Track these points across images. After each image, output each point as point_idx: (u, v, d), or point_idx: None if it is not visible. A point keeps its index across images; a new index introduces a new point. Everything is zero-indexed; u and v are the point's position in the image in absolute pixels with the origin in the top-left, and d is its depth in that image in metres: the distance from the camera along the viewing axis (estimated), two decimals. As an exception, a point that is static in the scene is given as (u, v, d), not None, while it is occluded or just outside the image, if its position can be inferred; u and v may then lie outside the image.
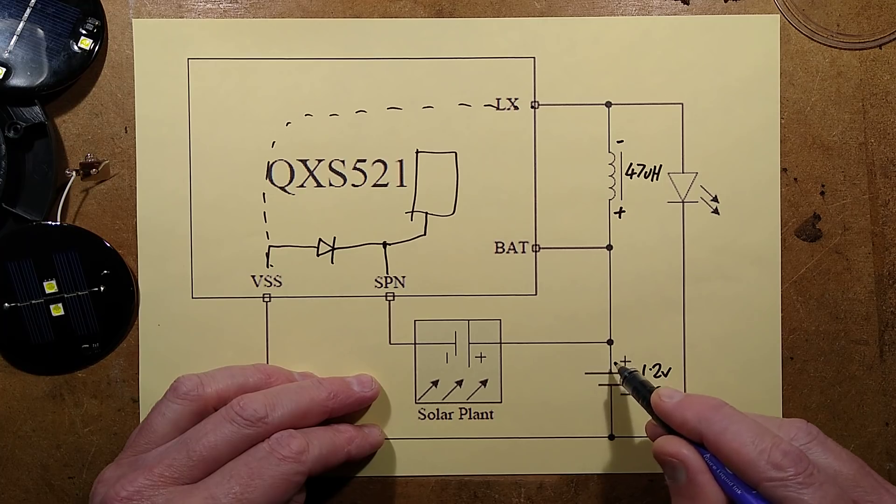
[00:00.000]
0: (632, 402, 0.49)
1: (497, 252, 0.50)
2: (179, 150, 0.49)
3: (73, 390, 0.49)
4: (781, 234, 0.49)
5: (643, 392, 0.45)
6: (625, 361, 0.49)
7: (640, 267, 0.50)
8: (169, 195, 0.49)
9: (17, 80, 0.47)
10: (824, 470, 0.39)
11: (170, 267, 0.49)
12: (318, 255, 0.50)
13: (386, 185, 0.50)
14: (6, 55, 0.47)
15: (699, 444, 0.41)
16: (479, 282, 0.50)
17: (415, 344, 0.50)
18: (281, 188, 0.49)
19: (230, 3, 0.49)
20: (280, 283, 0.50)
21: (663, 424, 0.43)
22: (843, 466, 0.40)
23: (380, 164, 0.50)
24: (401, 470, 0.50)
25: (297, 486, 0.43)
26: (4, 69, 0.47)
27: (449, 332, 0.50)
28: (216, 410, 0.45)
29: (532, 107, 0.50)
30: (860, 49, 0.49)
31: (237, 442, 0.43)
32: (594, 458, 0.50)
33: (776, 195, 0.49)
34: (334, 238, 0.50)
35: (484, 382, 0.50)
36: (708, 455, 0.40)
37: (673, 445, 0.41)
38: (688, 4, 0.49)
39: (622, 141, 0.49)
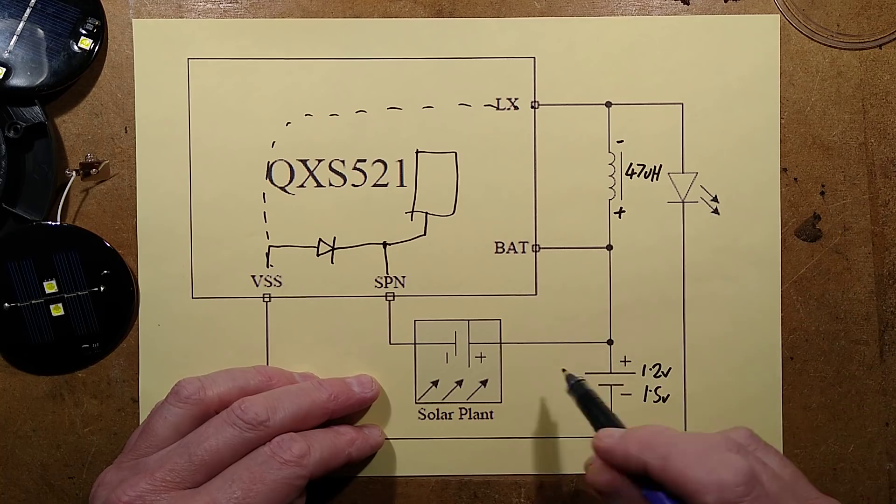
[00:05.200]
0: (632, 402, 0.49)
1: (497, 252, 0.50)
2: (179, 150, 0.49)
3: (73, 390, 0.49)
4: (781, 234, 0.49)
5: (594, 423, 0.43)
6: (572, 371, 0.49)
7: (640, 267, 0.50)
8: (169, 195, 0.49)
9: (17, 80, 0.47)
10: (767, 469, 0.39)
11: (170, 267, 0.49)
12: (318, 255, 0.50)
13: (386, 185, 0.50)
14: (6, 55, 0.47)
15: (645, 476, 0.39)
16: (479, 282, 0.50)
17: (415, 344, 0.50)
18: (281, 188, 0.49)
19: (230, 3, 0.49)
20: (280, 283, 0.49)
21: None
22: (782, 470, 0.40)
23: (380, 164, 0.50)
24: (401, 470, 0.50)
25: (298, 490, 0.43)
26: (4, 69, 0.47)
27: (449, 332, 0.50)
28: (217, 413, 0.45)
29: (532, 107, 0.49)
30: (860, 49, 0.49)
31: (238, 446, 0.43)
32: (594, 458, 0.50)
33: (776, 195, 0.49)
34: (334, 238, 0.50)
35: (484, 382, 0.50)
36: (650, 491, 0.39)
37: (603, 474, 0.40)
38: (688, 4, 0.49)
39: (622, 141, 0.49)
